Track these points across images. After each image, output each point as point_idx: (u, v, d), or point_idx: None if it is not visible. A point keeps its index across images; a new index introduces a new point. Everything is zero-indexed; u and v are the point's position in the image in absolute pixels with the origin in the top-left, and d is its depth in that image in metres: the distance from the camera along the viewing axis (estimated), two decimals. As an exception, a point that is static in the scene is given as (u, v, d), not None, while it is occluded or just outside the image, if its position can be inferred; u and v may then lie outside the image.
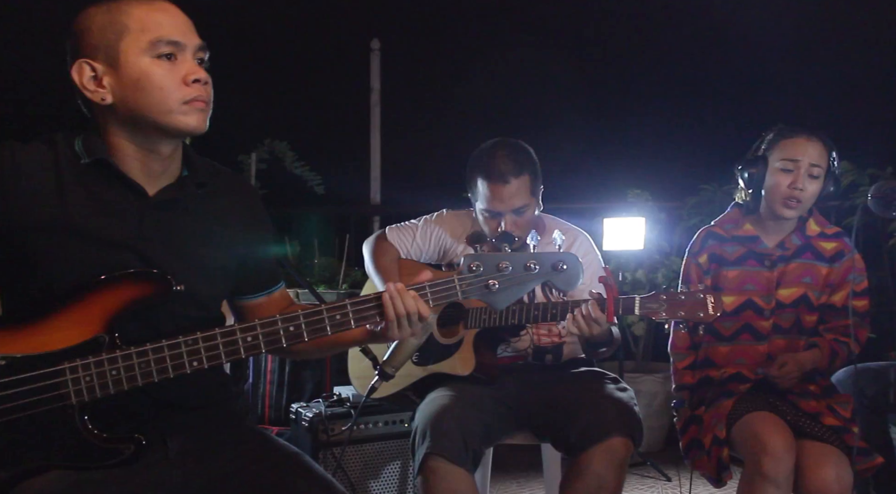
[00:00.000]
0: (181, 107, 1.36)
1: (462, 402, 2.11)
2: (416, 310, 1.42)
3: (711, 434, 2.08)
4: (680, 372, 2.26)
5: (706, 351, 2.23)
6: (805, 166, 2.11)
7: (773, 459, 1.91)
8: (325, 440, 2.54)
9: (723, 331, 2.20)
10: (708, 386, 2.20)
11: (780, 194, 2.12)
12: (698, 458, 2.11)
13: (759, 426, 1.98)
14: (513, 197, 2.22)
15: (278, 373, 3.24)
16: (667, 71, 5.13)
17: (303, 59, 5.12)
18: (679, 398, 2.26)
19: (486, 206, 2.25)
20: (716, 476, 2.06)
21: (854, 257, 2.19)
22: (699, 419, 2.15)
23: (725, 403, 2.10)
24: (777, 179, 2.12)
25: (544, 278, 1.45)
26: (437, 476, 1.99)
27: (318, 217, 4.69)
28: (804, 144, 2.12)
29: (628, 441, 2.00)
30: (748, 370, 2.17)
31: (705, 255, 2.23)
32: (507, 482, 3.41)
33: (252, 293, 1.58)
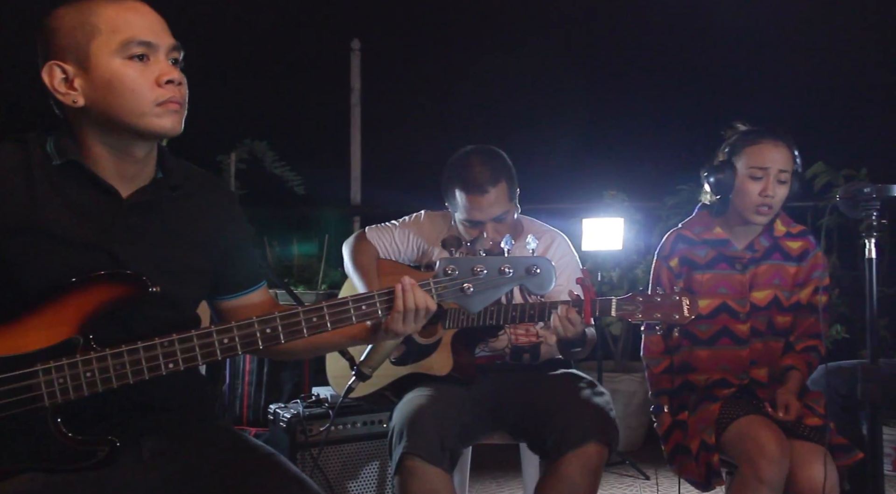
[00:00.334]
0: (154, 109, 1.34)
1: (439, 402, 2.12)
2: (426, 305, 1.43)
3: (699, 439, 2.07)
4: (657, 377, 2.25)
5: (685, 356, 2.22)
6: (774, 173, 2.12)
7: (771, 463, 1.92)
8: (302, 441, 2.54)
9: (700, 335, 2.20)
10: (690, 391, 2.20)
11: (751, 202, 2.13)
12: (685, 463, 2.10)
13: (755, 430, 1.99)
14: (492, 206, 2.24)
15: (256, 374, 3.23)
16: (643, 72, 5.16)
17: (283, 59, 5.09)
18: (657, 404, 2.25)
19: (467, 216, 2.27)
20: (704, 481, 2.06)
21: (817, 255, 2.23)
22: (683, 424, 2.14)
23: (712, 408, 2.10)
24: (747, 186, 2.13)
25: (518, 281, 1.46)
26: (414, 475, 2.00)
27: (297, 218, 4.67)
28: (771, 150, 2.13)
29: (603, 447, 2.00)
30: (733, 376, 2.18)
31: (676, 258, 2.23)
32: (486, 482, 3.43)
33: (231, 294, 1.58)
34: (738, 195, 2.16)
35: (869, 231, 1.73)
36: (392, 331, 1.45)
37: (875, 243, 1.71)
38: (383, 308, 1.44)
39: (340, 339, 1.54)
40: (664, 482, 3.39)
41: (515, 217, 2.37)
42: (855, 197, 1.73)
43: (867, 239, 1.73)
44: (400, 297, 1.42)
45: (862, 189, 1.72)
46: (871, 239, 1.72)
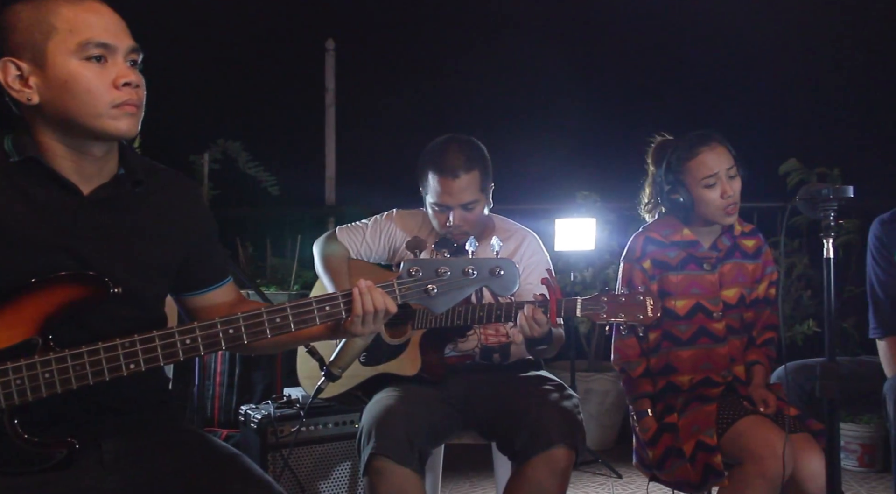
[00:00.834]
0: (111, 111, 1.33)
1: (408, 402, 2.12)
2: (384, 307, 1.44)
3: (695, 440, 2.06)
4: (636, 381, 2.23)
5: (665, 357, 2.23)
6: (723, 174, 2.16)
7: (778, 460, 1.93)
8: (273, 442, 2.53)
9: (680, 335, 2.22)
10: (674, 393, 2.20)
11: (717, 207, 2.17)
12: (678, 467, 2.08)
13: (761, 429, 2.00)
14: (462, 192, 2.24)
15: (228, 375, 3.22)
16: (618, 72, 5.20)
17: (257, 59, 5.07)
18: (640, 409, 2.22)
19: (436, 199, 2.28)
20: (700, 481, 2.05)
21: (767, 251, 2.30)
22: (672, 427, 2.13)
23: (707, 409, 2.10)
24: (705, 196, 2.17)
25: (482, 283, 1.47)
26: (383, 476, 2.00)
27: (272, 218, 4.66)
28: (711, 156, 2.17)
29: (570, 451, 2.01)
30: (715, 374, 2.20)
31: (648, 260, 2.24)
32: (460, 481, 3.44)
33: (197, 290, 1.57)
34: (700, 206, 2.19)
35: (826, 231, 1.76)
36: (351, 333, 1.46)
37: (832, 243, 1.75)
38: (346, 309, 1.44)
39: (304, 336, 1.54)
40: (634, 480, 3.43)
41: (486, 212, 2.37)
42: (813, 198, 1.76)
43: (825, 239, 1.76)
44: (358, 300, 1.42)
45: (820, 190, 1.75)
46: (828, 239, 1.76)
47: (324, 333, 1.52)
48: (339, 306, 1.44)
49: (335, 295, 1.44)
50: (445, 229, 2.30)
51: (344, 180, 4.78)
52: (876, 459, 3.56)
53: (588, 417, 3.97)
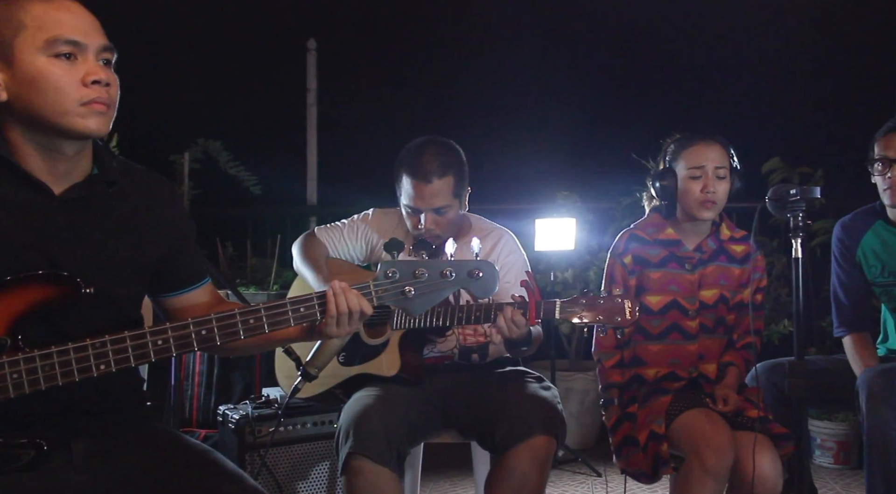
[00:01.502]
0: (79, 109, 1.32)
1: (386, 402, 2.13)
2: (359, 308, 1.44)
3: (648, 430, 2.12)
4: (608, 371, 2.30)
5: (635, 350, 2.29)
6: (711, 170, 2.21)
7: (717, 453, 1.97)
8: (251, 442, 2.53)
9: (651, 330, 2.27)
10: (639, 384, 2.26)
11: (695, 199, 2.22)
12: (633, 455, 2.15)
13: (701, 422, 2.04)
14: (434, 197, 2.25)
15: (206, 375, 3.21)
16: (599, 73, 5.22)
17: (239, 59, 5.05)
18: (608, 397, 2.30)
19: (408, 202, 2.29)
20: (651, 471, 2.11)
21: (758, 258, 2.33)
22: (632, 416, 2.20)
23: (662, 399, 2.16)
24: (689, 186, 2.23)
25: (460, 285, 1.47)
26: (361, 475, 2.00)
27: (253, 218, 4.64)
28: (705, 149, 2.23)
29: (551, 439, 2.03)
30: (681, 370, 2.25)
31: (630, 256, 2.29)
32: (440, 481, 3.44)
33: (174, 291, 1.57)
34: (682, 196, 2.24)
35: (795, 232, 1.79)
36: (326, 334, 1.46)
37: (801, 243, 1.77)
38: (321, 311, 1.44)
39: (280, 338, 1.54)
40: (615, 479, 3.45)
41: (460, 215, 2.38)
42: (782, 198, 1.79)
43: (794, 239, 1.79)
44: (332, 301, 1.42)
45: (788, 191, 1.78)
46: (797, 239, 1.78)
47: (299, 334, 1.52)
48: (314, 307, 1.44)
49: (310, 297, 1.44)
50: (417, 230, 2.31)
51: (325, 180, 4.77)
52: (851, 456, 3.61)
53: (568, 416, 3.95)
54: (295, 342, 1.58)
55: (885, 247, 2.43)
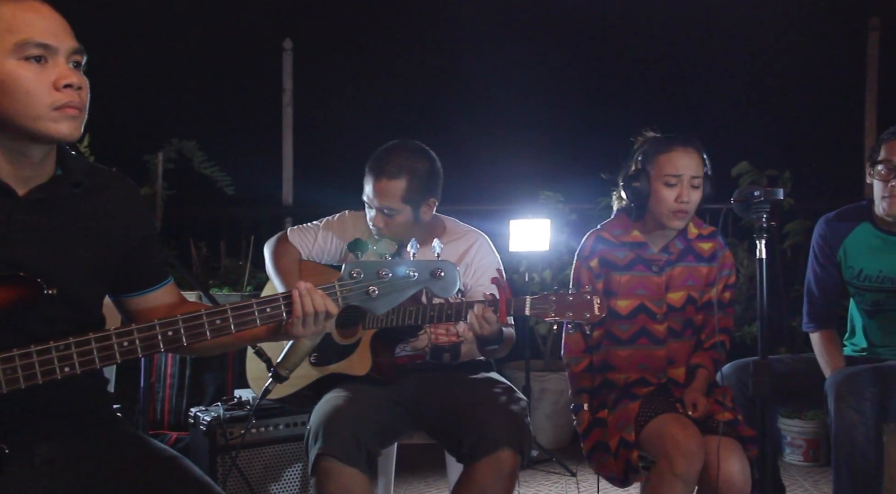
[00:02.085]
0: (51, 113, 1.31)
1: (356, 402, 2.13)
2: (325, 308, 1.44)
3: (618, 436, 2.13)
4: (577, 376, 2.29)
5: (605, 355, 2.27)
6: (687, 179, 2.18)
7: (686, 459, 1.98)
8: (223, 444, 2.52)
9: (620, 334, 2.26)
10: (609, 390, 2.25)
11: (668, 208, 2.19)
12: (604, 460, 2.15)
13: (671, 427, 2.05)
14: (381, 196, 2.27)
15: (178, 377, 3.18)
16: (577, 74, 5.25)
17: (213, 58, 5.01)
18: (578, 402, 2.29)
19: (364, 196, 2.32)
20: (622, 477, 2.12)
21: (725, 254, 2.32)
22: (603, 422, 2.20)
23: (631, 406, 2.16)
24: (662, 193, 2.19)
25: (423, 284, 1.49)
26: (330, 476, 2.00)
27: (228, 219, 4.61)
28: (683, 157, 2.19)
29: (516, 454, 2.03)
30: (651, 375, 2.25)
31: (596, 259, 2.27)
32: (414, 482, 3.45)
33: (136, 291, 1.56)
34: (654, 202, 2.22)
35: (759, 233, 1.81)
36: (292, 334, 1.46)
37: (765, 244, 1.79)
38: (287, 311, 1.44)
39: (247, 338, 1.54)
40: (588, 478, 3.47)
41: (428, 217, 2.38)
42: (747, 200, 1.81)
43: (758, 240, 1.82)
44: (297, 302, 1.42)
45: (752, 192, 1.80)
46: (761, 240, 1.81)
47: (266, 335, 1.52)
48: (280, 307, 1.44)
49: (276, 297, 1.44)
50: (376, 228, 2.32)
51: (301, 181, 4.76)
52: (820, 454, 3.66)
53: (543, 416, 4.02)
54: (262, 342, 1.58)
55: (867, 250, 2.43)
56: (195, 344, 1.39)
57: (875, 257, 2.42)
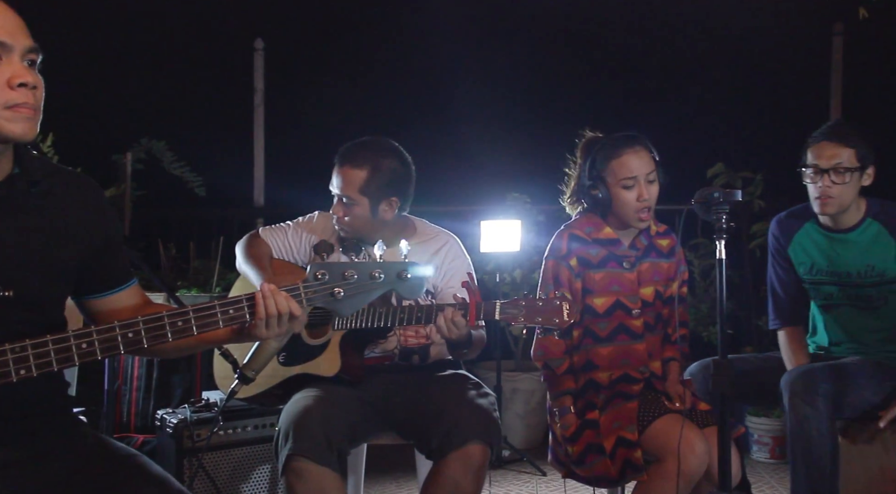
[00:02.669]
0: (4, 112, 1.29)
1: (326, 402, 2.12)
2: (288, 310, 1.43)
3: (615, 436, 2.11)
4: (560, 378, 2.25)
5: (587, 354, 2.27)
6: (643, 178, 2.22)
7: (699, 458, 2.01)
8: (189, 446, 2.50)
9: (599, 333, 2.27)
10: (595, 390, 2.24)
11: (631, 209, 2.23)
12: (598, 462, 2.13)
13: (679, 428, 2.04)
14: (339, 180, 2.28)
15: (145, 379, 3.15)
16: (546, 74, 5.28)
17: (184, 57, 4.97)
18: (562, 406, 2.24)
19: (330, 185, 2.32)
20: (618, 477, 2.10)
21: (680, 250, 2.37)
22: (594, 423, 2.17)
23: (629, 405, 2.16)
24: (623, 196, 2.22)
25: (389, 286, 1.49)
26: (301, 476, 2.00)
27: (198, 220, 4.57)
28: (634, 159, 2.22)
29: (485, 447, 2.05)
30: (634, 371, 2.25)
31: (574, 258, 2.27)
32: (385, 482, 3.45)
33: (99, 292, 1.54)
34: (617, 205, 2.25)
35: (719, 233, 1.84)
36: (256, 336, 1.45)
37: (724, 244, 1.82)
38: (251, 313, 1.44)
39: (210, 340, 1.53)
40: (558, 477, 3.49)
41: (406, 215, 2.38)
42: (706, 201, 1.84)
43: (717, 240, 1.85)
44: (261, 303, 1.42)
45: (712, 194, 1.83)
46: (720, 241, 1.84)
47: (230, 337, 1.51)
48: (244, 309, 1.43)
49: (239, 298, 1.43)
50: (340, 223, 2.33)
51: (273, 182, 4.73)
52: (786, 451, 3.71)
53: (514, 416, 4.03)
54: (226, 344, 1.57)
55: (814, 246, 2.51)
56: (156, 346, 1.38)
57: (821, 255, 2.49)
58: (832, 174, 2.34)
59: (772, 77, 4.88)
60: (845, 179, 2.33)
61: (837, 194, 2.35)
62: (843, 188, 2.34)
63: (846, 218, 2.43)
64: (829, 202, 2.37)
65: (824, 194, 2.37)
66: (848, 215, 2.42)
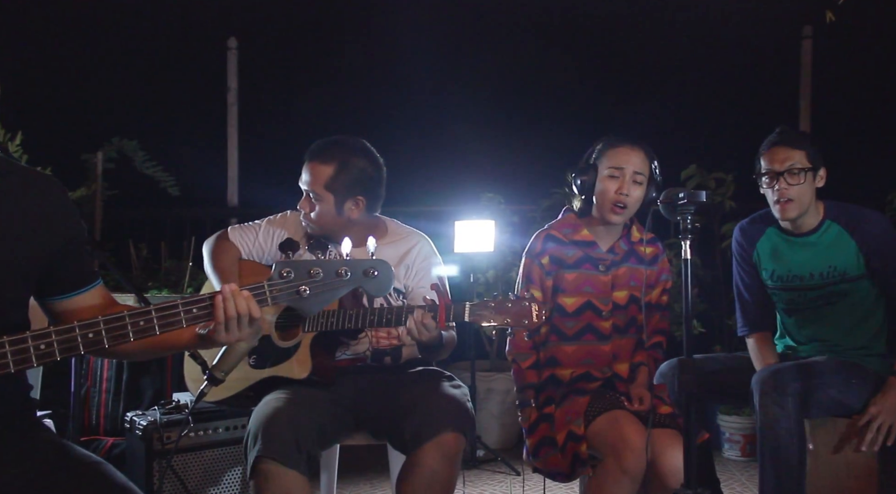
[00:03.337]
0: None
1: (296, 404, 2.11)
2: (248, 312, 1.41)
3: (566, 430, 2.16)
4: (524, 372, 2.31)
5: (551, 351, 2.31)
6: (629, 173, 2.26)
7: (635, 455, 2.03)
8: (159, 448, 2.47)
9: (566, 331, 2.31)
10: (555, 385, 2.29)
11: (608, 200, 2.27)
12: (551, 455, 2.18)
13: (619, 424, 2.09)
14: (307, 175, 2.29)
15: (115, 381, 3.11)
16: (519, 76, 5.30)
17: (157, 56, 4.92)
18: (524, 398, 2.31)
19: (299, 180, 2.33)
20: (569, 471, 2.15)
21: (665, 259, 2.42)
22: (550, 417, 2.23)
23: (580, 400, 2.20)
24: (605, 185, 2.27)
25: (356, 284, 1.48)
26: (269, 479, 1.98)
27: (172, 220, 4.53)
28: (628, 153, 2.28)
29: (459, 435, 2.06)
30: (596, 370, 2.29)
31: (547, 257, 2.31)
32: (359, 483, 3.44)
33: (63, 294, 1.52)
34: (598, 195, 2.29)
35: (684, 234, 1.86)
36: (217, 341, 1.44)
37: (690, 245, 1.84)
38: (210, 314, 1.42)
39: (172, 344, 1.51)
40: (533, 477, 3.50)
41: (376, 217, 2.38)
42: (672, 202, 1.86)
43: (683, 241, 1.86)
44: (220, 306, 1.40)
45: (677, 194, 1.85)
46: (686, 241, 1.85)
47: (193, 342, 1.49)
48: (208, 308, 1.41)
49: (203, 297, 1.41)
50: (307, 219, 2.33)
51: (247, 181, 4.70)
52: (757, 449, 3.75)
53: (489, 416, 4.04)
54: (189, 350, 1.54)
55: (775, 252, 2.54)
56: (119, 347, 1.36)
57: (783, 259, 2.53)
58: (787, 176, 2.39)
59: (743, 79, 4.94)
60: (800, 180, 2.38)
61: (795, 195, 2.39)
62: (799, 189, 2.39)
63: (806, 221, 2.47)
64: (790, 206, 2.41)
65: (783, 197, 2.41)
66: (807, 218, 2.46)
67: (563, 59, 5.21)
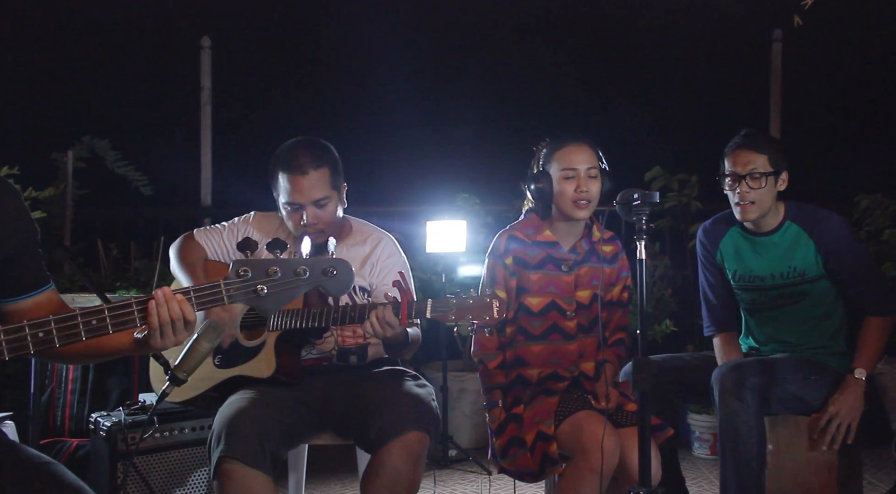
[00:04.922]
0: None
1: (260, 404, 2.11)
2: (181, 316, 1.40)
3: (536, 430, 2.17)
4: (491, 372, 2.33)
5: (518, 351, 2.33)
6: (583, 170, 2.29)
7: (606, 455, 2.04)
8: (123, 449, 2.46)
9: (532, 331, 2.32)
10: (523, 386, 2.30)
11: (570, 199, 2.29)
12: (519, 456, 2.20)
13: (590, 424, 2.11)
14: (312, 188, 2.26)
15: (80, 381, 3.09)
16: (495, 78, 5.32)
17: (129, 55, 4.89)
18: (491, 399, 2.33)
19: (287, 199, 2.29)
20: (538, 471, 2.16)
21: (623, 257, 2.44)
22: (518, 417, 2.24)
23: (550, 400, 2.22)
24: (563, 187, 2.30)
25: (315, 283, 1.48)
26: (232, 479, 1.98)
27: (145, 220, 4.50)
28: (577, 152, 2.31)
29: (423, 434, 2.07)
30: (563, 370, 2.31)
31: (511, 257, 2.33)
32: (330, 482, 3.43)
33: (15, 296, 1.51)
34: (558, 197, 2.31)
35: (639, 234, 1.88)
36: (152, 346, 1.43)
37: (644, 245, 1.86)
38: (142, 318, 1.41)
39: (111, 348, 1.50)
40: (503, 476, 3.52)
41: (340, 213, 2.38)
42: (627, 202, 1.88)
43: (637, 241, 1.88)
44: (153, 312, 1.39)
45: (632, 195, 1.87)
46: (641, 241, 1.88)
47: (130, 347, 1.48)
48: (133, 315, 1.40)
49: (142, 298, 1.41)
50: (301, 229, 2.30)
51: (220, 181, 4.68)
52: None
53: (462, 416, 4.05)
54: (128, 355, 1.53)
55: (737, 253, 2.58)
56: (69, 347, 1.35)
57: (745, 259, 2.56)
58: (749, 180, 2.43)
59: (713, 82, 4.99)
60: (761, 184, 2.42)
61: (756, 198, 2.43)
62: (760, 193, 2.43)
63: (767, 222, 2.51)
64: (750, 208, 2.45)
65: (744, 200, 2.45)
66: (768, 218, 2.50)
67: (536, 61, 5.24)
